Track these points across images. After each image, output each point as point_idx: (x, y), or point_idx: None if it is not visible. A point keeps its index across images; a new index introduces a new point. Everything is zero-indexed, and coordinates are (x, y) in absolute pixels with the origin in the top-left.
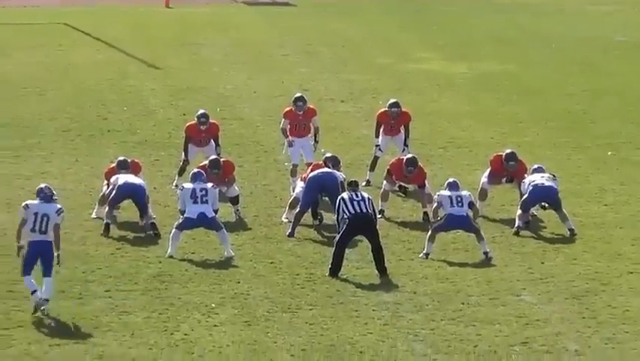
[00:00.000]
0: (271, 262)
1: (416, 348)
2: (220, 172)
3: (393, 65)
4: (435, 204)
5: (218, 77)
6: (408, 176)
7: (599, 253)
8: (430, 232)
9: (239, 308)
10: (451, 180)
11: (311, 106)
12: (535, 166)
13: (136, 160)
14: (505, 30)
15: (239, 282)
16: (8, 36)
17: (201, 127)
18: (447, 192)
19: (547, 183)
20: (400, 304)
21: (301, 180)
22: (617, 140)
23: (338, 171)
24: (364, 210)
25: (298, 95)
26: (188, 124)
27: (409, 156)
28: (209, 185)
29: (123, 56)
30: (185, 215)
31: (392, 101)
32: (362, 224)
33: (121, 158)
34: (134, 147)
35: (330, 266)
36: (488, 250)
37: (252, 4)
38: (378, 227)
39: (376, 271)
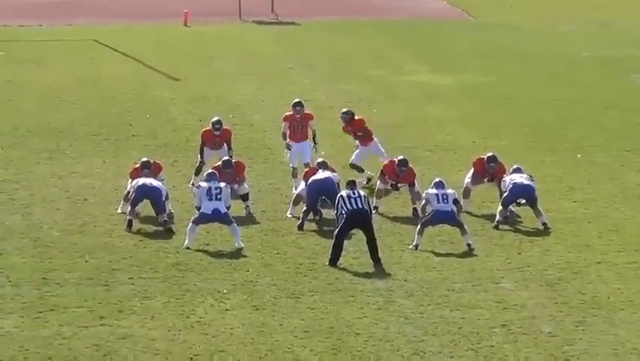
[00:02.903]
0: (277, 253)
1: (406, 330)
2: (232, 171)
3: (385, 77)
4: (423, 202)
5: (230, 88)
6: (400, 175)
7: (569, 245)
8: (419, 226)
9: (248, 294)
10: (437, 179)
11: (308, 111)
12: (515, 167)
13: (157, 161)
14: (486, 46)
15: (248, 270)
16: (47, 51)
17: (215, 132)
18: (434, 191)
19: (525, 182)
20: (392, 291)
21: (303, 179)
22: (586, 144)
23: (330, 171)
24: (360, 207)
25: (296, 100)
26: (203, 129)
27: (401, 157)
28: (223, 184)
29: (146, 69)
30: (200, 211)
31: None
32: (358, 219)
33: (144, 159)
34: (156, 150)
35: (329, 257)
36: (471, 242)
37: (260, 23)
38: (372, 221)
39: (371, 261)
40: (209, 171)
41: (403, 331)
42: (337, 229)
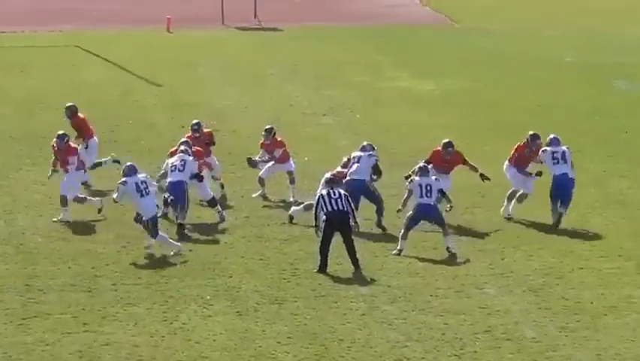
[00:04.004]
0: (260, 259)
1: (390, 336)
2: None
3: (368, 83)
4: (406, 194)
5: (213, 94)
6: (448, 158)
7: (553, 251)
8: (402, 231)
9: (231, 300)
10: (421, 164)
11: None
12: (552, 136)
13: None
14: (469, 51)
15: (231, 276)
16: (29, 57)
17: (195, 134)
18: (418, 180)
19: (570, 177)
20: (376, 297)
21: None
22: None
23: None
24: (341, 207)
25: (267, 126)
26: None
27: (445, 140)
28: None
29: (129, 75)
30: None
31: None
32: (338, 220)
33: (183, 140)
34: (139, 156)
35: (318, 263)
36: (450, 245)
37: (243, 28)
38: (357, 221)
39: (351, 265)
40: (128, 164)
41: (387, 337)
42: (321, 236)
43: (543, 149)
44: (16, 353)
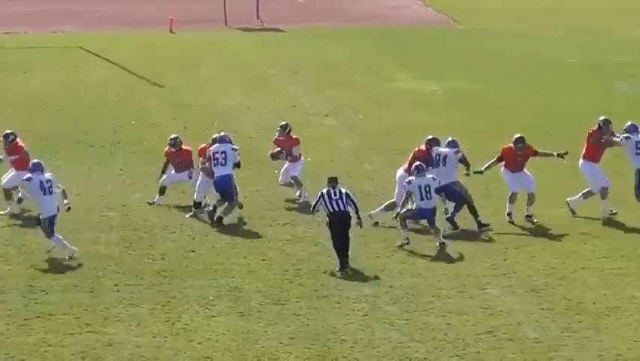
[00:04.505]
0: (263, 259)
1: (392, 336)
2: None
3: (370, 84)
4: (404, 195)
5: (215, 94)
6: (519, 154)
7: (555, 251)
8: (400, 221)
9: (233, 301)
10: (417, 163)
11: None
12: (629, 124)
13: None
14: (472, 53)
15: (234, 277)
16: (31, 58)
17: (172, 149)
18: (416, 181)
19: None
20: (378, 297)
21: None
22: (571, 150)
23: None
24: (342, 208)
25: (283, 122)
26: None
27: (517, 135)
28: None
29: (131, 76)
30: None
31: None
32: (340, 221)
33: (221, 134)
34: (141, 157)
35: (339, 262)
36: (445, 241)
37: (246, 29)
38: (360, 217)
39: (338, 268)
40: (34, 161)
41: (389, 337)
42: (331, 237)
43: (626, 135)
44: (18, 353)
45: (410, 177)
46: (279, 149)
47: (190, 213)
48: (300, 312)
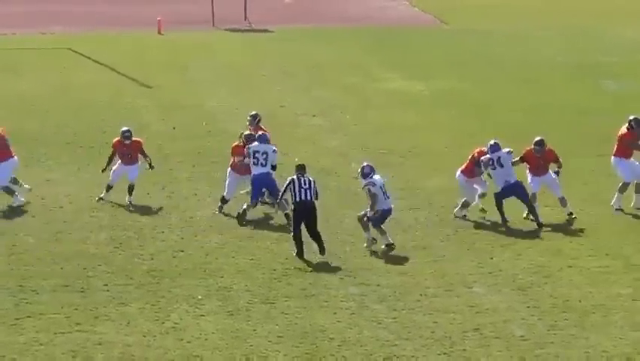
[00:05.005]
0: (251, 259)
1: (380, 335)
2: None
3: (358, 84)
4: (370, 200)
5: (204, 95)
6: (539, 156)
7: (541, 249)
8: (364, 225)
9: (222, 300)
10: (365, 163)
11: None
12: None
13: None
14: (459, 52)
15: (222, 276)
16: (21, 59)
17: (125, 141)
18: (378, 182)
19: None
20: (365, 296)
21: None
22: (558, 149)
23: None
24: (308, 198)
25: (253, 112)
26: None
27: (537, 138)
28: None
29: (120, 77)
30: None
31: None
32: (305, 211)
33: (246, 132)
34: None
35: (296, 249)
36: (392, 240)
37: (234, 30)
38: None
39: (319, 254)
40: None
41: (377, 335)
42: (293, 226)
43: None
44: (9, 352)
45: (375, 177)
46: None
47: (216, 210)
48: (289, 311)
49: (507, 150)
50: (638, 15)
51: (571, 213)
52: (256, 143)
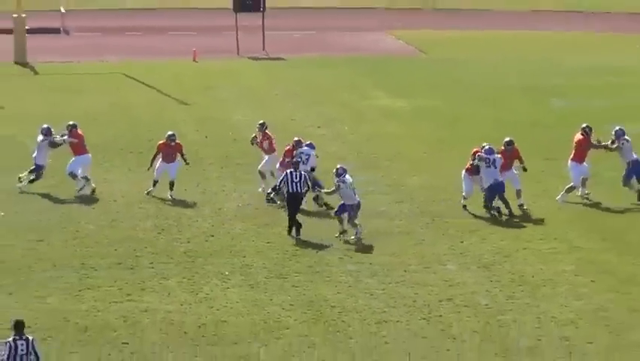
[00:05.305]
0: (268, 242)
1: (372, 303)
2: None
3: (353, 101)
4: (337, 191)
5: (230, 111)
6: (508, 155)
7: (502, 235)
8: (340, 219)
9: (245, 275)
10: (339, 166)
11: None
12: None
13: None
14: (435, 76)
15: (245, 256)
16: (84, 82)
17: (171, 143)
18: (347, 180)
19: None
20: (360, 272)
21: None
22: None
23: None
24: (298, 190)
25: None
26: (160, 142)
27: (507, 138)
28: None
29: (163, 97)
30: None
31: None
32: (294, 200)
33: (296, 139)
34: None
35: (288, 226)
36: (360, 229)
37: (254, 58)
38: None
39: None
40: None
41: (370, 304)
42: (287, 209)
43: (623, 140)
44: (73, 317)
45: (346, 177)
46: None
47: (268, 197)
48: (298, 284)
49: (498, 155)
50: (580, 45)
51: (522, 205)
52: (306, 147)
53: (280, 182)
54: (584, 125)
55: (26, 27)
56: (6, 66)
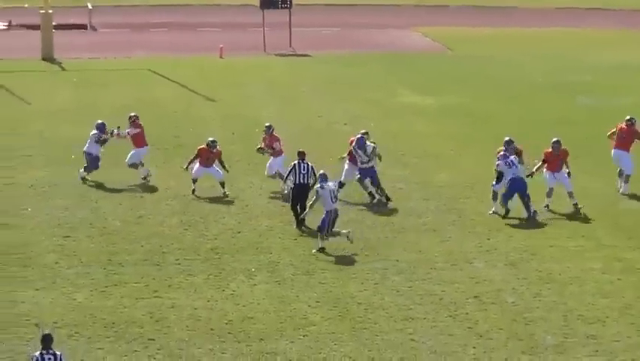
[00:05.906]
0: (294, 239)
1: (398, 301)
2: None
3: (381, 99)
4: (314, 198)
5: (256, 107)
6: (557, 154)
7: (529, 232)
8: (323, 231)
9: (271, 272)
10: (321, 171)
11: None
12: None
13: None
14: (462, 73)
15: (271, 253)
16: (111, 77)
17: (213, 150)
18: (327, 187)
19: None
20: (387, 269)
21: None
22: (542, 152)
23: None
24: (305, 182)
25: (267, 124)
26: (200, 147)
27: (554, 138)
28: None
29: (190, 92)
30: None
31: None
32: (301, 192)
33: (358, 136)
34: None
35: (294, 218)
36: (350, 236)
37: (281, 55)
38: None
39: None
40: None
41: (396, 301)
42: (290, 201)
43: None
44: (100, 314)
45: (328, 184)
46: (261, 146)
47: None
48: (325, 281)
49: (513, 156)
50: (607, 43)
51: (576, 204)
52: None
53: (288, 175)
54: (628, 117)
55: (53, 23)
56: (33, 62)
